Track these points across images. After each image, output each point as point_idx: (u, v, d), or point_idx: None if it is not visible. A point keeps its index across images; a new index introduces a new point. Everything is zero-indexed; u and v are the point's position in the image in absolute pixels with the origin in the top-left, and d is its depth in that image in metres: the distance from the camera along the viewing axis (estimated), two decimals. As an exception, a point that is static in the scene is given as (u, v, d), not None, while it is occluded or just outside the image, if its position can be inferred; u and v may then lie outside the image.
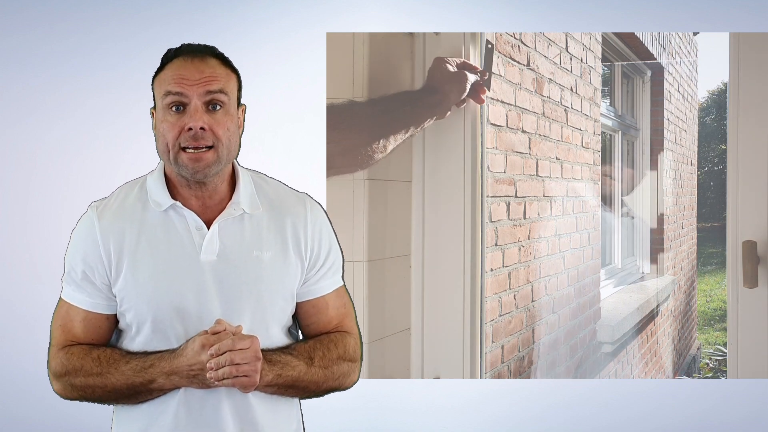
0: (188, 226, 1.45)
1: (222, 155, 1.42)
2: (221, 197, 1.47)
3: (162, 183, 1.47)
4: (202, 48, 1.46)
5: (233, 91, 1.45)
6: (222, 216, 1.46)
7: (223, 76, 1.43)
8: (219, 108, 1.42)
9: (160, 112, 1.42)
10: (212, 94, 1.41)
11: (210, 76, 1.41)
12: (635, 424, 3.40)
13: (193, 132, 1.39)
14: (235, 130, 1.44)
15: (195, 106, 1.40)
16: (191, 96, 1.40)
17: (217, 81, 1.41)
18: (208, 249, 1.44)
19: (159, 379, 1.40)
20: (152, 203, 1.46)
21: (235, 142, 1.45)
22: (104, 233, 1.44)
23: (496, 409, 3.35)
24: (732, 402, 3.40)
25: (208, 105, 1.41)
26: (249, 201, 1.48)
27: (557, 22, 3.30)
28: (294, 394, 1.49)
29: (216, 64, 1.44)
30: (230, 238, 1.45)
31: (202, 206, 1.46)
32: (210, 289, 1.43)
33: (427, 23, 3.15)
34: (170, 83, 1.40)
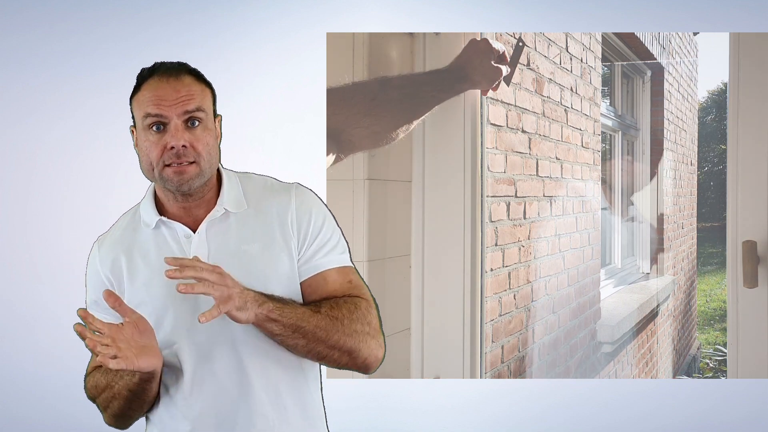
0: (177, 236, 1.50)
1: (204, 168, 1.46)
2: (209, 205, 1.51)
3: (152, 204, 1.52)
4: (175, 66, 1.49)
5: (209, 106, 1.49)
6: (206, 218, 1.49)
7: (198, 93, 1.47)
8: (198, 124, 1.45)
9: (142, 133, 1.47)
10: (190, 113, 1.45)
11: (186, 95, 1.45)
12: (635, 424, 3.40)
13: (175, 150, 1.43)
14: (214, 143, 1.48)
15: (175, 125, 1.44)
16: (170, 116, 1.44)
17: (194, 99, 1.45)
18: (197, 251, 1.47)
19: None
20: (143, 224, 1.52)
21: (215, 154, 1.49)
22: (102, 261, 1.53)
23: (496, 409, 3.35)
24: (732, 402, 3.40)
25: (187, 122, 1.45)
26: (234, 201, 1.51)
27: (557, 22, 3.30)
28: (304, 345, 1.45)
29: (191, 82, 1.47)
30: (217, 238, 1.49)
31: (190, 216, 1.51)
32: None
33: (427, 23, 3.15)
34: (149, 105, 1.45)
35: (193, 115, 1.44)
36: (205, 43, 3.06)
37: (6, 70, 3.25)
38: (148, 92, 1.46)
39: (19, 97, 3.26)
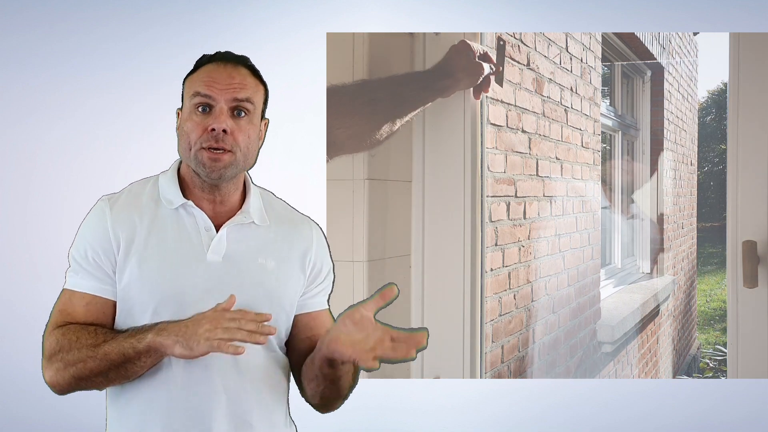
0: (197, 225, 1.48)
1: (239, 160, 1.46)
2: (232, 205, 1.51)
3: (175, 182, 1.50)
4: (236, 57, 1.51)
5: (259, 102, 1.50)
6: (232, 221, 1.49)
7: (252, 85, 1.48)
8: (244, 115, 1.46)
9: (187, 112, 1.47)
10: (239, 101, 1.45)
11: (240, 83, 1.46)
12: (635, 424, 3.40)
13: (216, 133, 1.43)
14: (255, 140, 1.49)
15: (221, 108, 1.44)
16: (218, 99, 1.44)
17: (246, 89, 1.46)
18: (215, 249, 1.46)
19: (149, 336, 1.38)
20: (164, 201, 1.49)
21: (253, 150, 1.50)
22: (115, 222, 1.46)
23: (496, 409, 3.35)
24: (732, 402, 3.41)
25: (233, 110, 1.45)
26: (258, 213, 1.52)
27: (557, 22, 3.30)
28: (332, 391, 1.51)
29: (247, 74, 1.49)
30: (237, 242, 1.48)
31: (212, 210, 1.50)
32: (212, 289, 1.44)
33: (427, 23, 3.15)
34: (200, 85, 1.45)
35: (241, 105, 1.45)
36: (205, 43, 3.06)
37: (6, 70, 3.26)
38: (203, 73, 1.47)
39: (19, 97, 3.26)
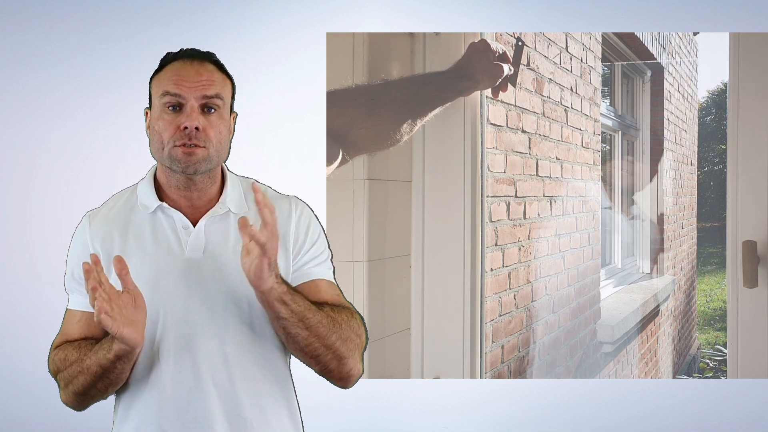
0: (175, 225, 1.49)
1: (212, 155, 1.47)
2: (210, 198, 1.51)
3: (151, 187, 1.52)
4: (201, 53, 1.51)
5: (228, 97, 1.51)
6: (208, 214, 1.49)
7: (219, 81, 1.49)
8: (213, 111, 1.47)
9: (157, 111, 1.48)
10: (208, 98, 1.46)
11: (207, 80, 1.47)
12: (635, 424, 3.39)
13: (188, 131, 1.44)
14: (226, 134, 1.50)
15: (191, 106, 1.45)
16: (188, 97, 1.45)
17: (214, 85, 1.47)
18: (193, 246, 1.47)
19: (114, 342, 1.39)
20: (140, 206, 1.51)
21: (225, 145, 1.50)
22: (93, 236, 1.50)
23: (496, 409, 3.35)
24: (732, 402, 3.40)
25: (203, 107, 1.46)
26: (236, 202, 1.52)
27: (557, 22, 3.30)
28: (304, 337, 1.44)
29: (213, 70, 1.49)
30: (215, 235, 1.49)
31: (190, 207, 1.50)
32: (194, 287, 1.46)
33: (427, 23, 3.15)
34: (168, 84, 1.46)
35: (210, 101, 1.46)
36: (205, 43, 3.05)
37: (6, 70, 3.26)
38: (170, 72, 1.47)
39: (19, 97, 3.26)
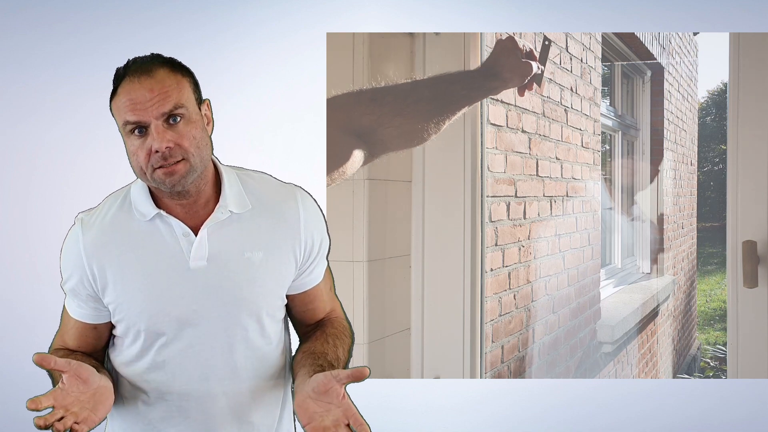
0: (175, 233, 1.43)
1: (195, 164, 1.39)
2: (207, 199, 1.45)
3: (146, 193, 1.45)
4: (147, 60, 1.41)
5: (189, 98, 1.41)
6: (209, 221, 1.43)
7: (173, 87, 1.39)
8: (179, 120, 1.38)
9: (125, 138, 1.40)
10: (167, 113, 1.37)
11: (160, 93, 1.37)
12: (635, 424, 3.39)
13: (160, 153, 1.36)
14: (201, 135, 1.41)
15: (156, 127, 1.36)
16: (148, 120, 1.36)
17: (170, 97, 1.37)
18: (197, 255, 1.42)
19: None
20: (137, 213, 1.45)
21: (204, 146, 1.42)
22: (88, 248, 1.44)
23: (496, 409, 3.35)
24: (732, 402, 3.40)
25: (167, 120, 1.37)
26: (237, 201, 1.46)
27: (557, 22, 3.30)
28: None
29: (164, 76, 1.39)
30: (219, 241, 1.43)
31: (187, 213, 1.44)
32: (203, 296, 1.42)
33: (427, 23, 3.14)
34: (126, 112, 1.37)
35: (172, 113, 1.37)
36: (205, 43, 3.06)
37: (6, 70, 3.25)
38: (124, 97, 1.38)
39: (19, 97, 3.26)
